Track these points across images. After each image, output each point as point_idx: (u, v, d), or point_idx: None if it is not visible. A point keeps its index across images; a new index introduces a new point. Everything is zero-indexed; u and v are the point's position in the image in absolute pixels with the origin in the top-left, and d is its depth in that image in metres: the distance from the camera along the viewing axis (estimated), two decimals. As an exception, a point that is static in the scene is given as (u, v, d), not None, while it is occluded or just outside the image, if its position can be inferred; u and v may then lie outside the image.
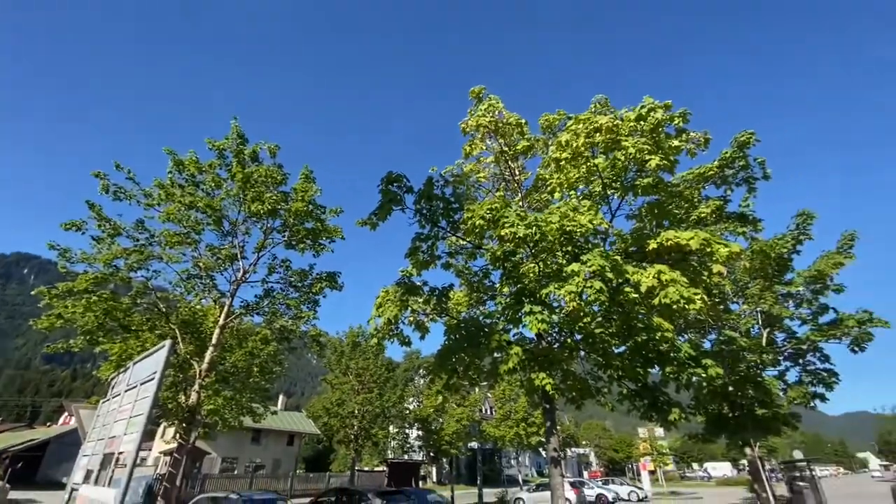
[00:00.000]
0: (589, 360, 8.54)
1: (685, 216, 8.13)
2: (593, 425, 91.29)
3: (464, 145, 9.03)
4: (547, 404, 7.49)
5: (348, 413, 23.04)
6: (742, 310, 11.70)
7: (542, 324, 6.00)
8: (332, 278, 14.20)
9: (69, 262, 11.20)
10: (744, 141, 7.93)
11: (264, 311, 13.93)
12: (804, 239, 10.13)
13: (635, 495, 34.87)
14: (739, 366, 10.18)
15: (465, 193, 8.01)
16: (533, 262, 6.93)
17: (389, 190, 6.84)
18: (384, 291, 7.58)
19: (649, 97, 6.25)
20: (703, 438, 12.09)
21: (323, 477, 34.17)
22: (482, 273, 8.25)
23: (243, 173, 12.24)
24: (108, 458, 7.28)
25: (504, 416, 30.74)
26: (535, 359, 6.88)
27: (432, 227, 7.23)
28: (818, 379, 10.33)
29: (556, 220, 5.74)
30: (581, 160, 6.62)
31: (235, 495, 12.10)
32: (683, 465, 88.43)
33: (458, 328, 7.23)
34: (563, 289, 5.61)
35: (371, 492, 14.86)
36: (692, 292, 5.32)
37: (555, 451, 7.37)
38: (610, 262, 5.69)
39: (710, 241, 5.85)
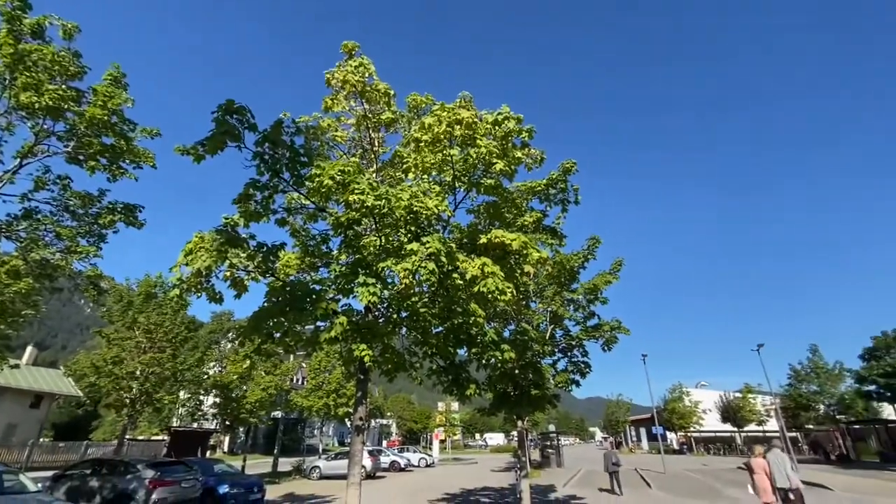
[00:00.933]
0: (409, 337, 9.02)
1: (513, 220, 9.22)
2: (400, 398, 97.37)
3: (326, 98, 8.42)
4: (362, 375, 7.65)
5: (127, 374, 19.46)
6: (538, 308, 13.85)
7: (374, 296, 6.07)
8: (129, 211, 11.73)
9: None
10: (567, 168, 9.36)
11: (19, 236, 10.68)
12: (591, 258, 12.52)
13: (424, 461, 38.64)
14: (527, 354, 12.04)
15: (317, 150, 7.49)
16: (376, 234, 6.93)
17: (226, 121, 5.92)
18: (198, 237, 6.57)
19: (507, 106, 6.86)
20: (488, 412, 14.00)
21: (78, 447, 28.35)
22: (321, 238, 7.88)
23: (15, 48, 9.09)
24: None
25: (316, 386, 30.27)
26: (359, 330, 6.92)
27: (273, 176, 6.55)
28: (577, 368, 12.92)
29: (406, 197, 5.84)
30: (439, 147, 6.87)
31: (-73, 469, 9.11)
32: (468, 436, 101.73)
33: (283, 290, 6.78)
34: (399, 265, 5.76)
35: (142, 462, 12.95)
36: (506, 286, 6.08)
37: (360, 421, 7.59)
38: (446, 247, 6.09)
39: (528, 245, 6.77)
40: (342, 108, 8.66)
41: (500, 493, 19.20)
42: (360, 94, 8.10)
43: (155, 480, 11.96)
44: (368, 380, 8.07)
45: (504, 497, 18.23)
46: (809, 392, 42.23)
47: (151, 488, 11.81)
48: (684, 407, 57.29)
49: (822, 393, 41.26)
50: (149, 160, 11.64)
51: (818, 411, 42.90)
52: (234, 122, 6.01)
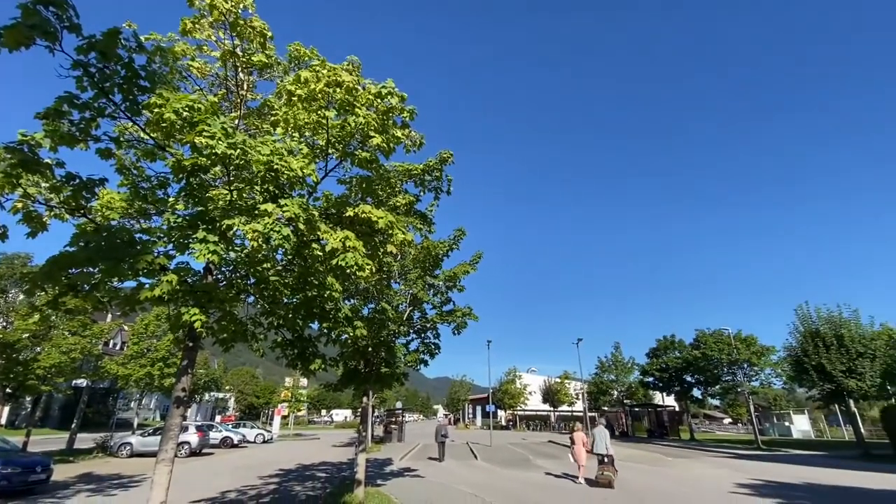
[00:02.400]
0: (255, 306, 8.36)
1: (385, 199, 9.14)
2: (243, 371, 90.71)
3: (185, 18, 7.11)
4: (191, 343, 6.81)
5: None
6: (400, 289, 14.09)
7: (214, 255, 5.42)
8: None
9: None
10: (444, 157, 9.61)
11: None
12: (455, 248, 13.17)
13: (261, 437, 36.77)
14: (383, 332, 12.20)
15: (164, 76, 6.30)
16: (226, 188, 6.17)
17: (37, 11, 4.60)
18: (-22, 152, 5.03)
19: (391, 81, 6.69)
20: (335, 387, 13.85)
21: None
22: (159, 181, 6.69)
23: None
24: None
25: (138, 353, 26.19)
26: (193, 292, 6.14)
27: (99, 95, 5.30)
28: (428, 349, 13.55)
29: (266, 152, 5.28)
30: (314, 106, 6.38)
31: None
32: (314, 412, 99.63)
33: (98, 235, 5.60)
34: (248, 225, 5.23)
35: None
36: (365, 262, 6.00)
37: (182, 392, 6.78)
38: (307, 214, 5.73)
39: (394, 225, 6.78)
40: (207, 37, 7.45)
41: (336, 468, 19.26)
42: (230, 26, 7.05)
43: None
44: (198, 348, 7.24)
45: (341, 471, 18.37)
46: (609, 380, 52.07)
47: None
48: (515, 388, 65.19)
49: (617, 381, 51.13)
50: None
51: (612, 396, 53.02)
52: (49, 15, 4.72)
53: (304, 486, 15.06)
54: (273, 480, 16.00)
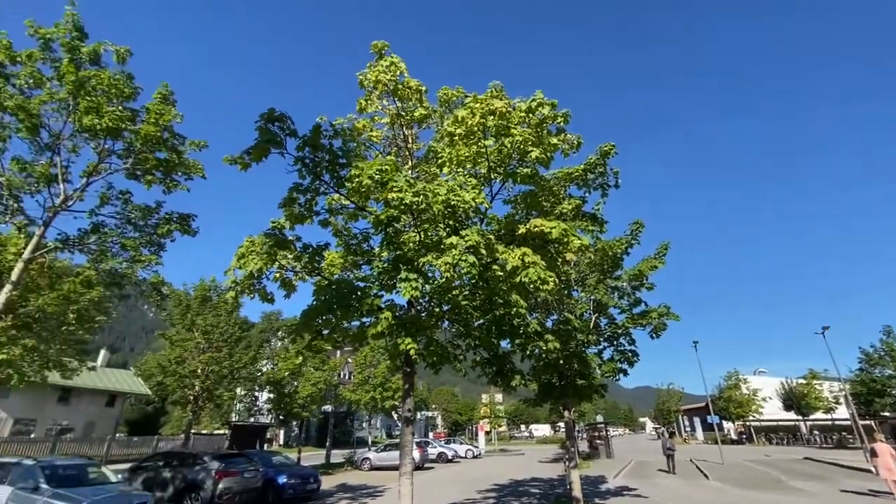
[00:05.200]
0: (452, 329, 9.12)
1: (551, 209, 9.08)
2: (444, 391, 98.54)
3: (359, 99, 8.60)
4: (408, 368, 7.82)
5: (189, 372, 20.83)
6: (580, 297, 13.59)
7: (416, 291, 6.19)
8: (184, 221, 12.48)
9: None
10: (606, 151, 9.09)
11: (90, 249, 11.64)
12: (634, 243, 12.11)
13: (471, 453, 38.98)
14: (571, 343, 11.88)
15: (354, 150, 7.67)
16: (415, 230, 7.04)
17: (269, 129, 6.19)
18: (249, 241, 6.93)
19: (540, 92, 6.75)
20: (534, 403, 13.92)
21: (150, 441, 30.62)
22: (362, 236, 8.11)
23: (76, 76, 9.85)
24: None
25: (362, 381, 31.17)
26: (404, 325, 7.08)
27: (314, 179, 6.80)
28: (625, 357, 12.59)
29: (443, 192, 5.90)
30: (473, 139, 6.87)
31: (30, 460, 10.16)
32: (514, 427, 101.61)
33: (330, 289, 7.03)
34: (440, 259, 5.84)
35: (208, 455, 13.84)
36: (548, 275, 6.02)
37: (409, 412, 7.77)
38: (485, 239, 6.11)
39: (568, 233, 6.66)
40: (376, 108, 8.81)
41: (549, 484, 19.12)
42: (392, 93, 8.22)
43: (221, 471, 12.77)
44: (414, 372, 8.24)
45: (554, 488, 18.14)
46: (884, 377, 39.12)
47: (218, 479, 12.62)
48: (741, 395, 54.44)
49: (898, 377, 38.13)
50: (198, 171, 12.31)
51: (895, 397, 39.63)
52: (276, 129, 6.27)
53: (520, 501, 15.35)
54: (491, 495, 16.77)
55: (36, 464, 9.90)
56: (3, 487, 9.45)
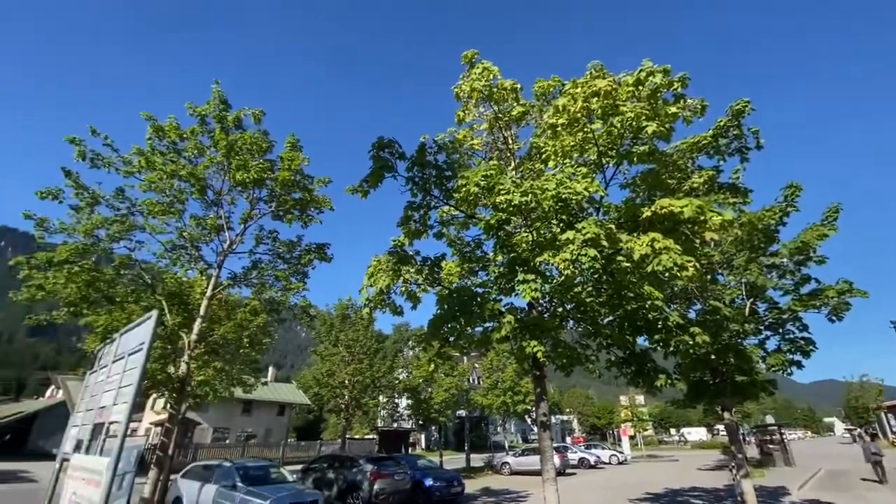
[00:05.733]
0: (578, 329, 8.67)
1: (678, 186, 8.13)
2: (577, 394, 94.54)
3: (457, 111, 8.80)
4: (537, 371, 7.62)
5: (338, 383, 23.31)
6: (727, 280, 11.90)
7: (535, 292, 6.02)
8: (320, 250, 14.06)
9: (47, 231, 10.83)
10: (739, 109, 7.85)
11: (252, 283, 13.79)
12: (791, 211, 10.20)
13: (616, 458, 36.48)
14: (722, 335, 10.43)
15: (458, 161, 7.85)
16: (527, 230, 6.89)
17: (380, 156, 6.66)
18: (376, 261, 7.50)
19: (648, 60, 6.09)
20: (683, 404, 12.51)
21: (314, 445, 34.92)
22: (475, 243, 8.22)
23: (227, 140, 11.82)
24: (98, 427, 7.27)
25: (492, 385, 31.45)
26: (527, 327, 6.94)
27: (424, 195, 7.11)
28: (796, 347, 10.63)
29: (552, 187, 5.67)
30: (577, 126, 6.50)
31: (228, 462, 12.26)
32: (662, 431, 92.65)
33: (451, 297, 7.23)
34: (557, 257, 5.60)
35: (362, 458, 15.20)
36: (685, 260, 5.35)
37: (544, 416, 7.56)
38: (605, 230, 5.69)
39: (704, 210, 5.85)
40: (473, 116, 8.91)
41: (713, 495, 16.89)
42: (487, 98, 8.23)
43: (375, 473, 13.91)
44: (544, 376, 8.00)
45: (720, 499, 15.99)
46: None
47: (372, 480, 13.76)
48: (978, 386, 41.71)
49: None
50: (327, 204, 13.80)
51: None
52: (387, 155, 6.70)
53: (681, 513, 13.81)
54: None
55: (232, 465, 11.93)
56: (210, 485, 11.57)
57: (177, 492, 12.42)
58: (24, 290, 10.51)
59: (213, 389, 16.20)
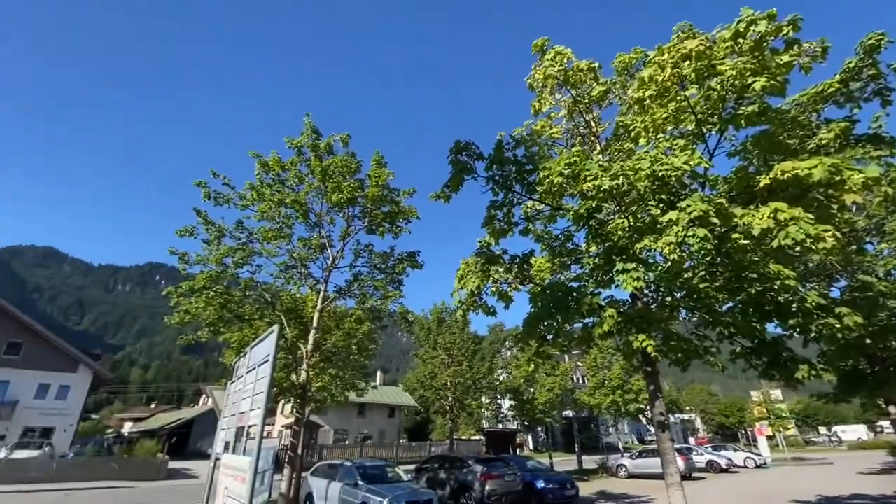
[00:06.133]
0: (692, 319, 7.88)
1: (801, 146, 7.00)
2: (696, 390, 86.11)
3: (532, 102, 8.56)
4: (648, 367, 7.05)
5: (441, 385, 23.96)
6: (879, 249, 10.00)
7: (637, 282, 5.59)
8: (412, 258, 14.64)
9: (188, 264, 12.69)
10: (872, 45, 6.53)
11: (355, 294, 14.79)
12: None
13: (752, 462, 32.42)
14: (878, 314, 8.77)
15: (538, 153, 7.63)
16: (621, 216, 6.43)
17: (459, 160, 6.72)
18: (464, 263, 7.56)
19: (748, 9, 5.34)
20: (834, 398, 10.73)
21: (424, 446, 36.27)
22: (564, 236, 7.89)
23: (321, 166, 12.87)
24: (240, 430, 8.30)
25: (598, 384, 29.92)
26: (632, 320, 6.47)
27: (506, 192, 7.02)
28: None
29: (645, 165, 5.21)
30: (668, 96, 5.91)
31: (349, 462, 13.21)
32: (808, 430, 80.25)
33: (544, 294, 7.02)
34: (659, 241, 5.13)
35: (471, 459, 15.40)
36: (820, 229, 4.56)
37: (661, 416, 6.97)
38: (714, 205, 5.08)
39: (840, 168, 4.95)
40: (550, 105, 8.60)
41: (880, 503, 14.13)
42: (563, 83, 7.88)
43: (485, 474, 13.99)
44: (657, 372, 7.38)
45: (898, 511, 13.35)
46: None
47: (483, 481, 13.85)
48: None
49: None
50: (413, 214, 14.35)
51: None
52: (465, 158, 6.75)
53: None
54: (795, 515, 13.43)
55: (353, 465, 12.84)
56: (335, 483, 12.56)
57: (308, 488, 13.70)
58: (175, 315, 12.44)
59: (331, 394, 17.65)
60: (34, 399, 29.97)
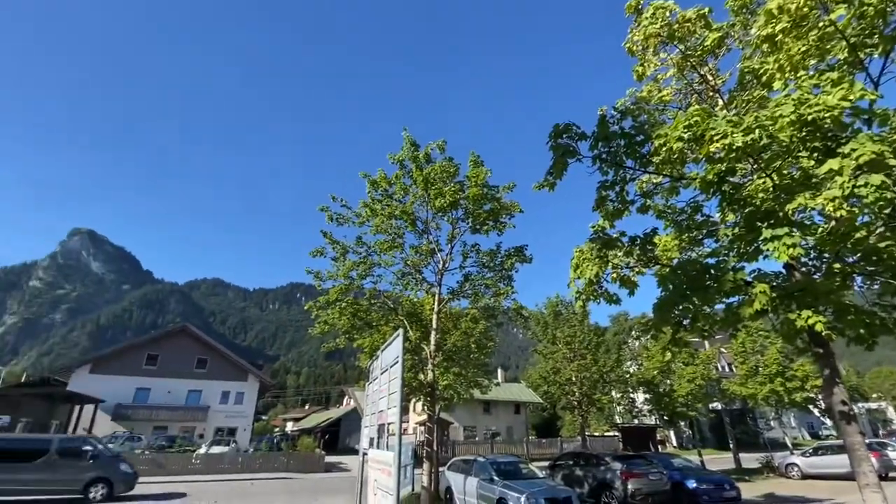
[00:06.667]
0: (873, 287, 6.46)
1: None
2: (884, 373, 70.67)
3: (634, 67, 7.84)
4: (819, 349, 5.94)
5: (566, 380, 23.20)
6: None
7: (793, 249, 4.74)
8: (519, 252, 14.48)
9: (321, 280, 14.22)
10: None
11: (468, 294, 15.10)
12: None
13: None
14: None
15: (648, 122, 6.95)
16: (761, 176, 5.54)
17: (560, 144, 6.43)
18: (578, 251, 7.21)
19: None
20: None
21: (555, 442, 35.48)
22: (691, 208, 7.04)
23: (422, 175, 13.43)
24: (381, 428, 9.04)
25: (750, 371, 26.16)
26: (789, 295, 5.52)
27: (617, 170, 6.52)
28: None
29: (788, 111, 4.40)
30: (807, 25, 4.94)
31: (482, 458, 13.51)
32: None
33: (675, 275, 6.34)
34: (818, 198, 4.29)
35: (608, 456, 14.62)
36: None
37: (843, 405, 5.81)
38: (890, 144, 4.10)
39: None
40: (655, 67, 7.80)
41: None
42: (669, 39, 7.08)
43: (626, 472, 13.17)
44: (831, 353, 6.18)
45: None
46: None
47: (624, 479, 13.04)
48: None
49: None
50: (516, 209, 14.21)
51: None
52: (566, 141, 6.46)
53: None
54: None
55: (486, 460, 13.08)
56: (472, 478, 12.92)
57: (446, 482, 14.33)
58: (316, 326, 14.04)
59: (456, 391, 18.25)
60: (219, 404, 36.44)
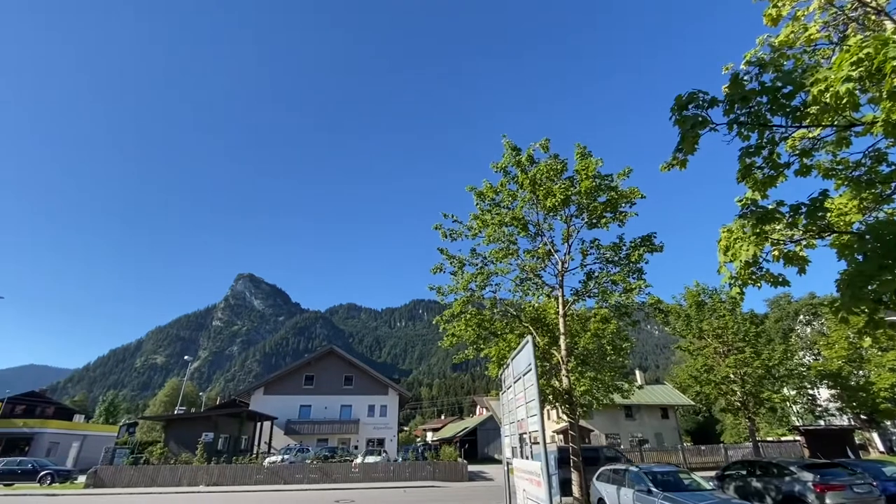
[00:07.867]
0: None
1: None
2: None
3: (764, 11, 6.71)
4: None
5: (722, 378, 20.37)
6: None
7: None
8: (647, 241, 13.33)
9: (443, 295, 14.76)
10: None
11: (593, 293, 14.28)
12: None
13: None
14: None
15: (793, 70, 5.86)
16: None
17: (686, 116, 5.73)
18: (726, 231, 6.32)
19: None
20: None
21: (717, 449, 31.25)
22: (871, 158, 5.71)
23: (528, 178, 13.21)
24: (522, 437, 8.93)
25: None
26: None
27: (762, 131, 5.58)
28: None
29: None
30: None
31: (635, 467, 12.48)
32: None
33: (863, 242, 5.17)
34: None
35: (793, 464, 12.39)
36: None
37: None
38: None
39: None
40: (793, 4, 6.59)
41: None
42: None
43: (820, 484, 11.02)
44: None
45: None
46: None
47: (819, 492, 10.91)
48: None
49: None
50: (636, 195, 13.12)
51: None
52: (693, 111, 5.77)
53: None
54: None
55: (640, 470, 12.02)
56: (626, 489, 11.97)
57: (597, 493, 13.51)
58: (445, 339, 14.55)
59: (594, 397, 17.26)
60: (367, 416, 39.81)
